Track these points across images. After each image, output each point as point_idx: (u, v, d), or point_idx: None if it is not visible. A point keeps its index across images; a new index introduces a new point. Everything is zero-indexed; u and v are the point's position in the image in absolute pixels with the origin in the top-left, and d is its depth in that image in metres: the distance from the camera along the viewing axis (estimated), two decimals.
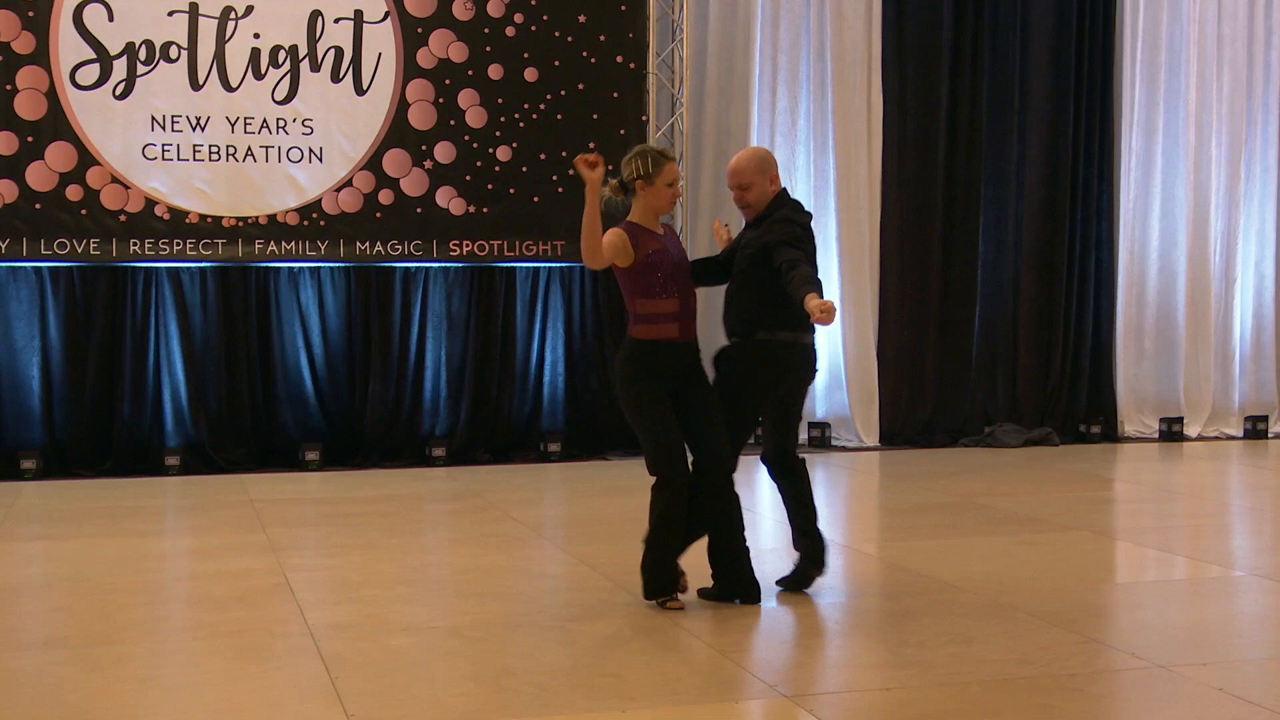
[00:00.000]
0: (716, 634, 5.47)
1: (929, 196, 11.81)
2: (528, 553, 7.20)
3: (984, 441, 11.71)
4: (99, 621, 5.76)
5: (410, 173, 10.34)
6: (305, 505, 8.94)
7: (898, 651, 5.27)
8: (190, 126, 9.96)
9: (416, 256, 10.38)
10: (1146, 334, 12.43)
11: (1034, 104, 12.05)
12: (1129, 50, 12.23)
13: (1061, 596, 6.14)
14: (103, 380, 10.05)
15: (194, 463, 10.03)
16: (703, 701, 4.68)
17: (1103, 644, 5.36)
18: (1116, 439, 12.18)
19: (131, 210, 9.84)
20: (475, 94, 10.45)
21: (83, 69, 9.76)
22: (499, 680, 4.91)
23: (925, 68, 11.78)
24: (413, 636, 5.49)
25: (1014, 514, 8.38)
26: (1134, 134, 12.27)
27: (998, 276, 12.04)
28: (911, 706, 4.58)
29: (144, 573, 6.87)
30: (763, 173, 6.05)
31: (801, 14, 11.49)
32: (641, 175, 5.85)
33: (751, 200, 6.05)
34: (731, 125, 11.51)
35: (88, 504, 8.82)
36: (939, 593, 6.19)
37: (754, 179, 6.03)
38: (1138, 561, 7.31)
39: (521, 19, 10.51)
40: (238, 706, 4.61)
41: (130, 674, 4.97)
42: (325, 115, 10.20)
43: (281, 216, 10.13)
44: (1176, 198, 12.35)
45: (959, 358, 11.97)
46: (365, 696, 4.65)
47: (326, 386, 10.48)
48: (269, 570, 6.69)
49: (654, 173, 5.84)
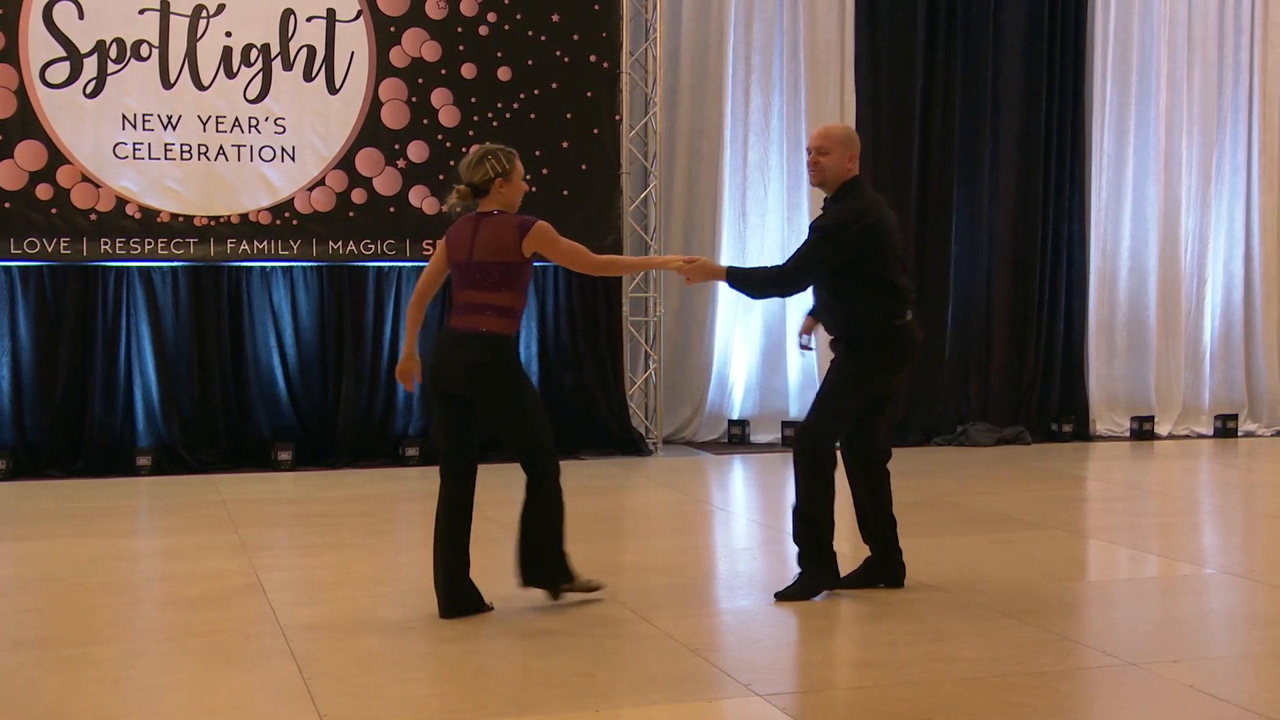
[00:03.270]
0: (690, 633, 5.47)
1: (902, 196, 11.81)
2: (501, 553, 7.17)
3: (956, 440, 11.75)
4: (70, 623, 5.73)
5: (383, 172, 10.31)
6: (278, 505, 8.91)
7: (871, 650, 5.29)
8: (162, 125, 9.91)
9: (389, 256, 10.35)
10: (1118, 333, 12.49)
11: (1006, 104, 12.09)
12: (1100, 51, 12.28)
13: (1033, 595, 6.16)
14: (74, 380, 9.99)
15: (166, 463, 9.98)
16: (677, 700, 4.69)
17: (1074, 642, 5.39)
18: (1088, 438, 12.23)
19: (102, 209, 9.79)
20: (448, 93, 10.43)
21: (53, 67, 9.70)
22: (473, 680, 4.91)
23: (898, 68, 11.80)
24: (386, 637, 5.48)
25: (986, 513, 8.41)
26: (1106, 134, 12.32)
27: (971, 276, 12.08)
28: (885, 705, 4.60)
29: (116, 573, 6.84)
30: (845, 147, 6.18)
31: (775, 14, 11.51)
32: (500, 174, 5.78)
33: (826, 167, 6.18)
34: (705, 125, 11.52)
35: (59, 504, 8.77)
36: (912, 591, 6.21)
37: (834, 148, 6.16)
38: (1109, 560, 7.35)
39: (495, 18, 10.49)
40: (210, 707, 4.59)
41: (102, 675, 4.95)
42: (298, 114, 10.16)
43: (254, 216, 10.09)
44: (1148, 198, 12.42)
45: (932, 357, 11.97)
46: (339, 697, 4.64)
47: (299, 386, 10.45)
48: (242, 571, 6.67)
49: (510, 168, 5.80)
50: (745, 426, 11.60)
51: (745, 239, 11.62)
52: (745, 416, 11.67)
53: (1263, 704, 4.60)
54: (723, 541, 7.93)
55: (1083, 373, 12.38)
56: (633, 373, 11.25)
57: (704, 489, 9.64)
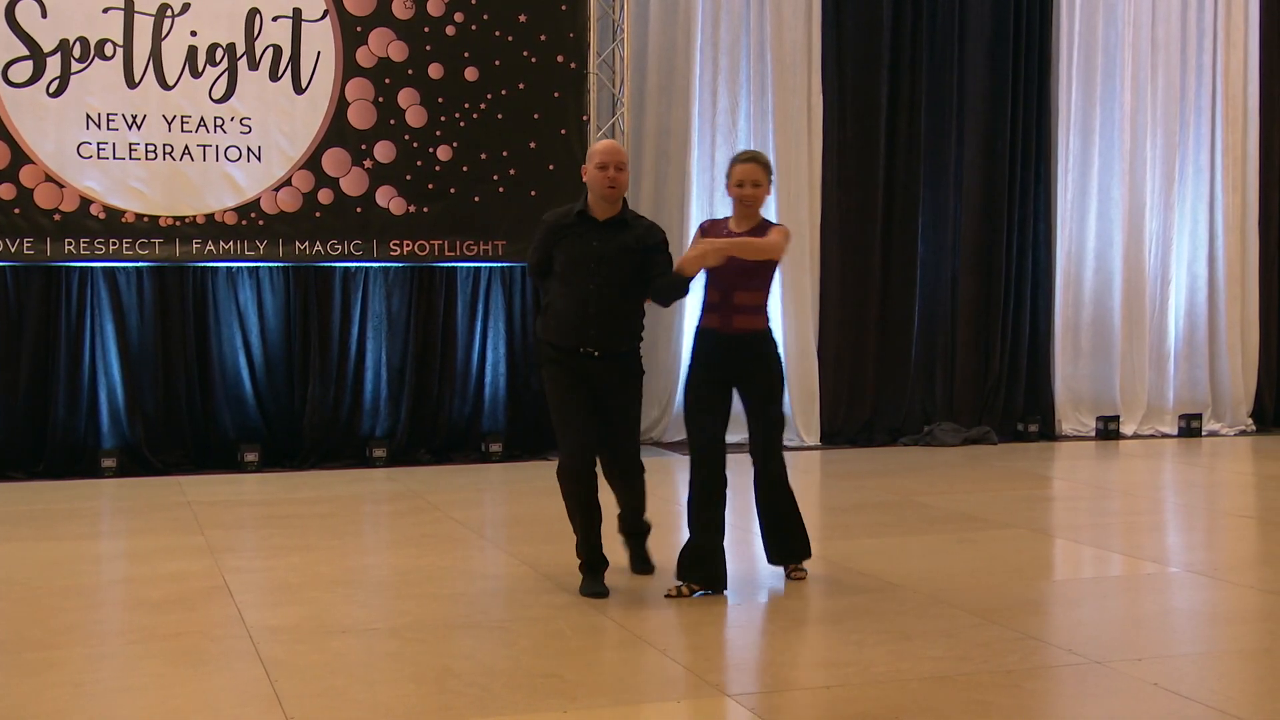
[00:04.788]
0: (658, 633, 5.48)
1: (868, 197, 11.88)
2: (468, 553, 7.18)
3: (923, 440, 11.79)
4: (33, 626, 5.69)
5: (350, 172, 10.27)
6: (244, 507, 8.87)
7: (837, 650, 5.30)
8: (126, 124, 9.84)
9: (356, 256, 10.32)
10: (1083, 333, 12.56)
11: (972, 106, 12.15)
12: (1065, 53, 12.35)
13: (999, 593, 6.20)
14: (37, 381, 9.91)
15: (130, 464, 9.92)
16: (644, 701, 4.69)
17: (1040, 640, 5.42)
18: (1054, 437, 12.30)
19: (66, 209, 9.72)
20: (415, 93, 10.40)
21: (15, 66, 9.62)
22: (440, 681, 4.90)
23: (865, 69, 11.84)
24: (353, 638, 5.46)
25: (952, 512, 8.45)
26: (1071, 136, 12.39)
27: (936, 277, 12.13)
28: (851, 704, 4.61)
29: (79, 576, 6.79)
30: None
31: (741, 14, 11.53)
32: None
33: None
34: (673, 125, 11.52)
35: (21, 506, 8.70)
36: (878, 591, 6.23)
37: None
38: (1074, 558, 7.39)
39: (462, 18, 10.47)
40: (175, 710, 4.57)
41: (64, 679, 4.91)
42: (264, 114, 10.11)
43: (219, 216, 10.04)
44: (1112, 199, 12.49)
45: (898, 357, 12.04)
46: (305, 699, 4.62)
47: (265, 387, 10.40)
48: (207, 573, 6.63)
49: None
50: None
51: None
52: None
53: (1226, 701, 4.64)
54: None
55: (1048, 373, 12.45)
56: None
57: (671, 489, 9.63)
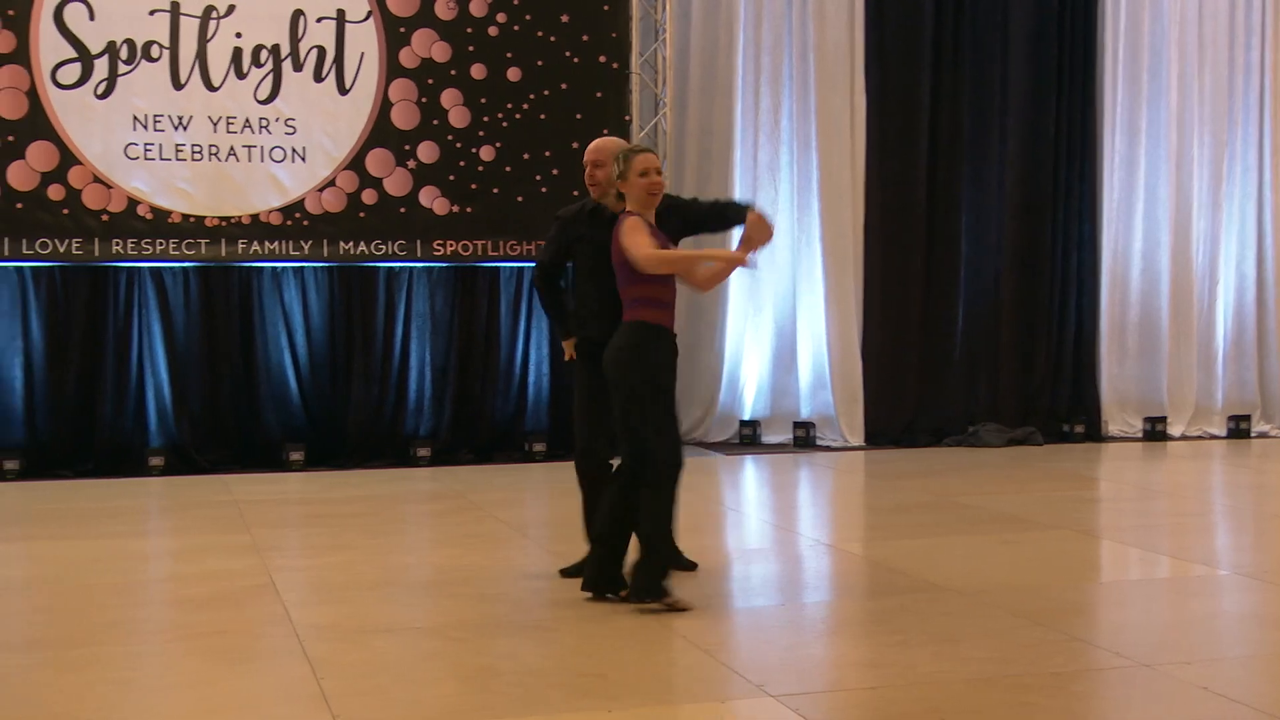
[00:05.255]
0: (701, 633, 5.46)
1: (911, 196, 11.82)
2: (510, 553, 7.19)
3: (967, 441, 11.71)
4: (79, 623, 5.74)
5: (393, 172, 10.31)
6: (288, 506, 8.91)
7: (881, 650, 5.27)
8: (172, 126, 9.92)
9: (400, 256, 10.36)
10: (1130, 333, 12.45)
11: (1015, 104, 12.07)
12: (1110, 51, 12.25)
13: (1044, 595, 6.15)
14: (85, 381, 10.00)
15: (176, 463, 9.99)
16: (688, 701, 4.68)
17: (1086, 642, 5.37)
18: (1100, 438, 12.19)
19: (113, 210, 9.80)
20: (458, 94, 10.43)
21: (64, 68, 9.72)
22: (482, 680, 4.90)
23: (907, 67, 11.79)
24: (396, 637, 5.48)
25: (996, 513, 8.39)
26: (1116, 134, 12.29)
27: (980, 276, 12.06)
28: (895, 705, 4.59)
29: (125, 573, 6.84)
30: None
31: (784, 13, 11.50)
32: (619, 175, 5.98)
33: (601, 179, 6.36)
34: (714, 125, 11.50)
35: (69, 504, 8.78)
36: (922, 592, 6.20)
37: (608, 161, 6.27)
38: (1121, 560, 7.33)
39: (504, 19, 10.49)
40: (220, 708, 4.59)
41: (111, 676, 4.95)
42: (308, 115, 10.17)
43: (264, 216, 10.10)
44: (1159, 198, 12.38)
45: (941, 357, 11.98)
46: (350, 697, 4.63)
47: (310, 387, 10.45)
48: (252, 571, 6.67)
49: (625, 169, 5.95)
50: (756, 427, 11.58)
51: None
52: (756, 417, 11.65)
53: (1276, 705, 4.58)
54: (734, 542, 7.92)
55: (1094, 373, 12.35)
56: None
57: (715, 489, 9.63)
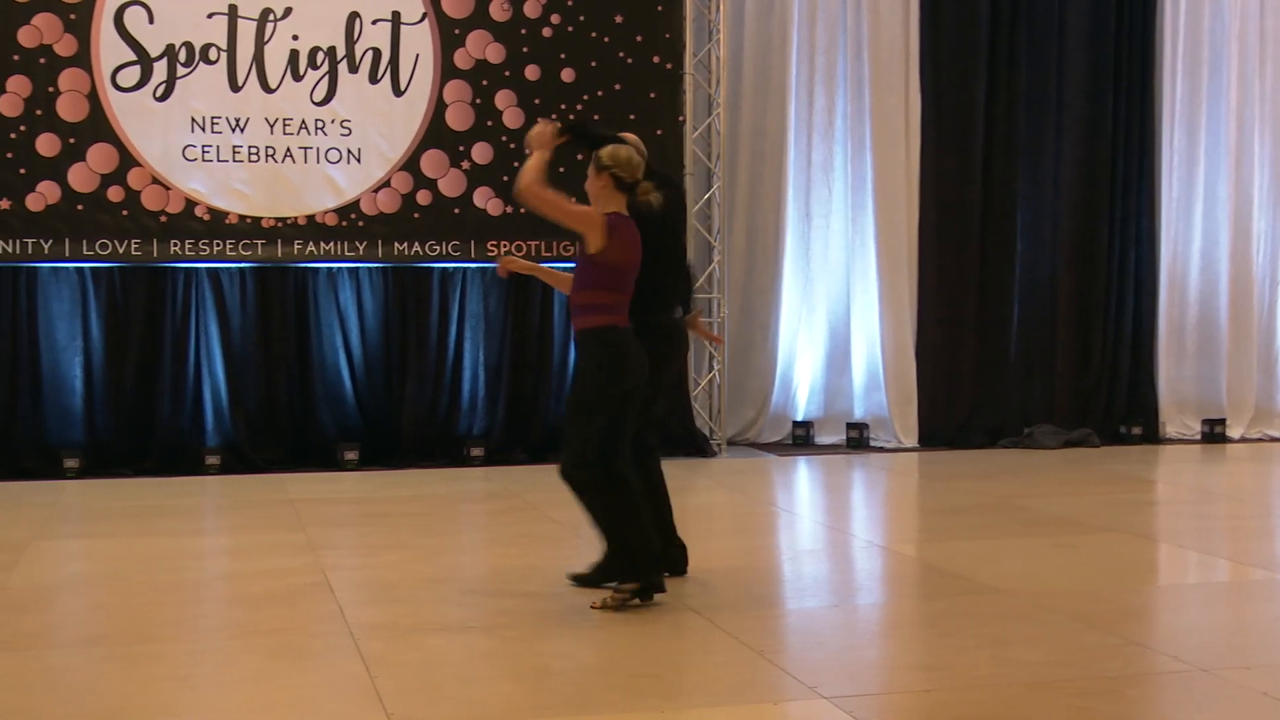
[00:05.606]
0: (754, 634, 5.45)
1: (967, 195, 11.74)
2: (564, 552, 7.19)
3: (1022, 442, 11.63)
4: (138, 619, 5.80)
5: (448, 173, 10.36)
6: (343, 505, 8.97)
7: (936, 653, 5.25)
8: (230, 128, 10.01)
9: (454, 257, 10.40)
10: (1188, 334, 12.32)
11: (1071, 101, 11.96)
12: (1169, 46, 12.12)
13: (1100, 599, 6.09)
14: (143, 380, 10.11)
15: (232, 462, 10.08)
16: (741, 702, 4.67)
17: (1143, 647, 5.32)
18: (1157, 440, 12.07)
19: (172, 211, 9.91)
20: (512, 95, 10.46)
21: (123, 71, 9.83)
22: (537, 680, 4.91)
23: (962, 65, 11.71)
24: (451, 636, 5.50)
25: (1052, 515, 8.32)
26: (1175, 131, 12.16)
27: (1035, 275, 11.97)
28: (950, 709, 4.56)
29: (183, 571, 6.92)
30: None
31: (838, 13, 11.46)
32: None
33: None
34: (768, 125, 11.48)
35: (128, 503, 8.88)
36: (977, 594, 6.16)
37: None
38: (1179, 564, 7.25)
39: (558, 19, 10.52)
40: (277, 705, 4.63)
41: (169, 672, 5.00)
42: (363, 116, 10.23)
43: (320, 217, 10.17)
44: (1219, 197, 12.24)
45: (997, 357, 11.90)
46: (404, 696, 4.66)
47: (364, 386, 10.52)
48: (307, 569, 6.72)
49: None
50: (809, 428, 11.54)
51: (809, 240, 11.57)
52: (809, 418, 11.61)
53: None
54: (787, 543, 7.90)
55: (1151, 374, 12.23)
56: (696, 374, 11.23)
57: (768, 490, 9.61)
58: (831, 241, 11.61)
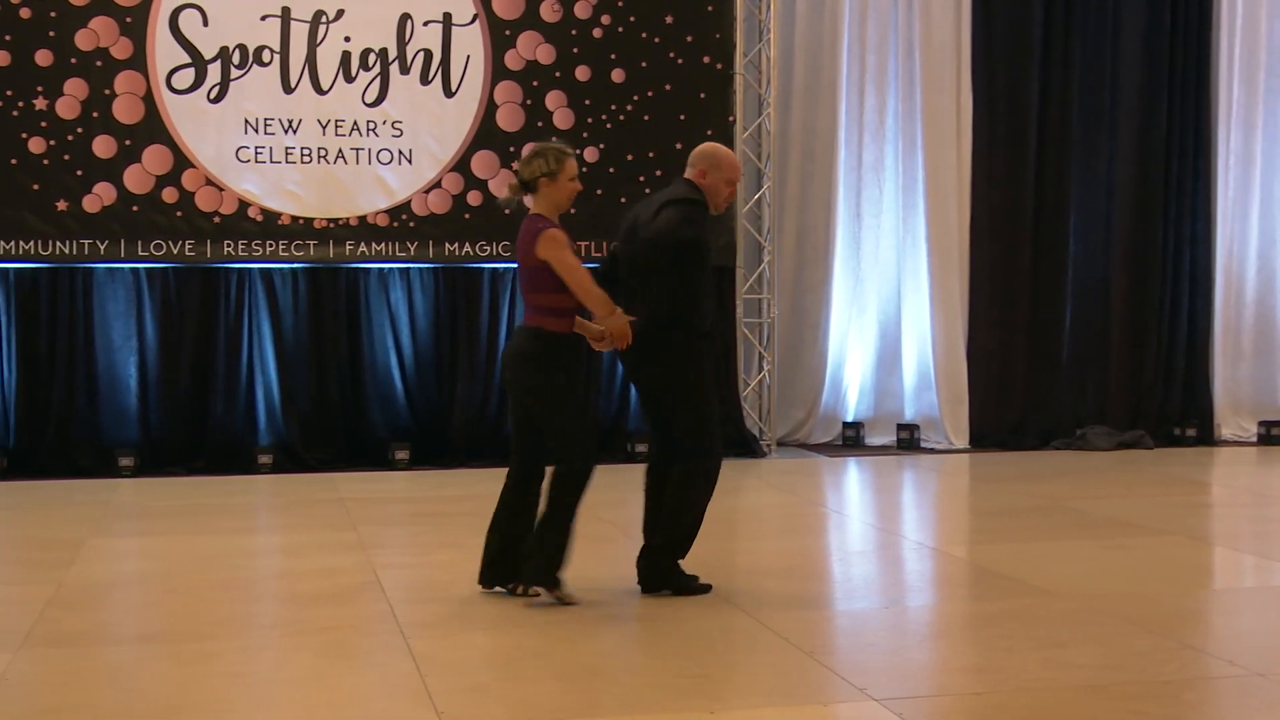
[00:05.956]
0: (803, 636, 5.44)
1: (1019, 195, 11.66)
2: (613, 552, 7.19)
3: (1074, 444, 11.53)
4: (192, 617, 5.85)
5: (498, 174, 10.39)
6: (394, 504, 9.01)
7: (988, 655, 5.21)
8: (282, 129, 10.09)
9: (504, 258, 10.43)
10: (1245, 335, 12.18)
11: (1126, 101, 11.85)
12: (1226, 45, 11.99)
13: (1155, 602, 6.04)
14: (197, 380, 10.20)
15: (284, 461, 10.15)
16: (790, 704, 4.66)
17: (1198, 651, 5.27)
18: (1212, 442, 11.94)
19: (225, 212, 9.99)
20: (562, 95, 10.48)
21: (178, 73, 9.92)
22: (585, 679, 4.92)
23: (1015, 65, 11.62)
24: (500, 635, 5.52)
25: (1105, 518, 8.25)
26: (1232, 131, 12.03)
27: (1089, 276, 11.87)
28: (1002, 711, 4.53)
29: (236, 569, 6.97)
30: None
31: (889, 12, 11.41)
32: (546, 173, 5.95)
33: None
34: (819, 125, 11.45)
35: (181, 501, 8.96)
36: (1029, 597, 6.12)
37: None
38: (1235, 567, 7.17)
39: (608, 20, 10.53)
40: (328, 703, 4.66)
41: (222, 669, 5.04)
42: (414, 117, 10.28)
43: (371, 218, 10.23)
44: (1275, 196, 12.09)
45: (1049, 358, 11.81)
46: (454, 694, 4.68)
47: (415, 386, 10.57)
48: (359, 568, 6.75)
49: (559, 169, 5.95)
50: (859, 429, 11.50)
51: (860, 240, 11.52)
52: (860, 419, 11.57)
53: None
54: (836, 544, 7.88)
55: (1207, 375, 12.10)
56: (746, 374, 11.22)
57: (817, 491, 9.58)
58: (882, 241, 11.56)
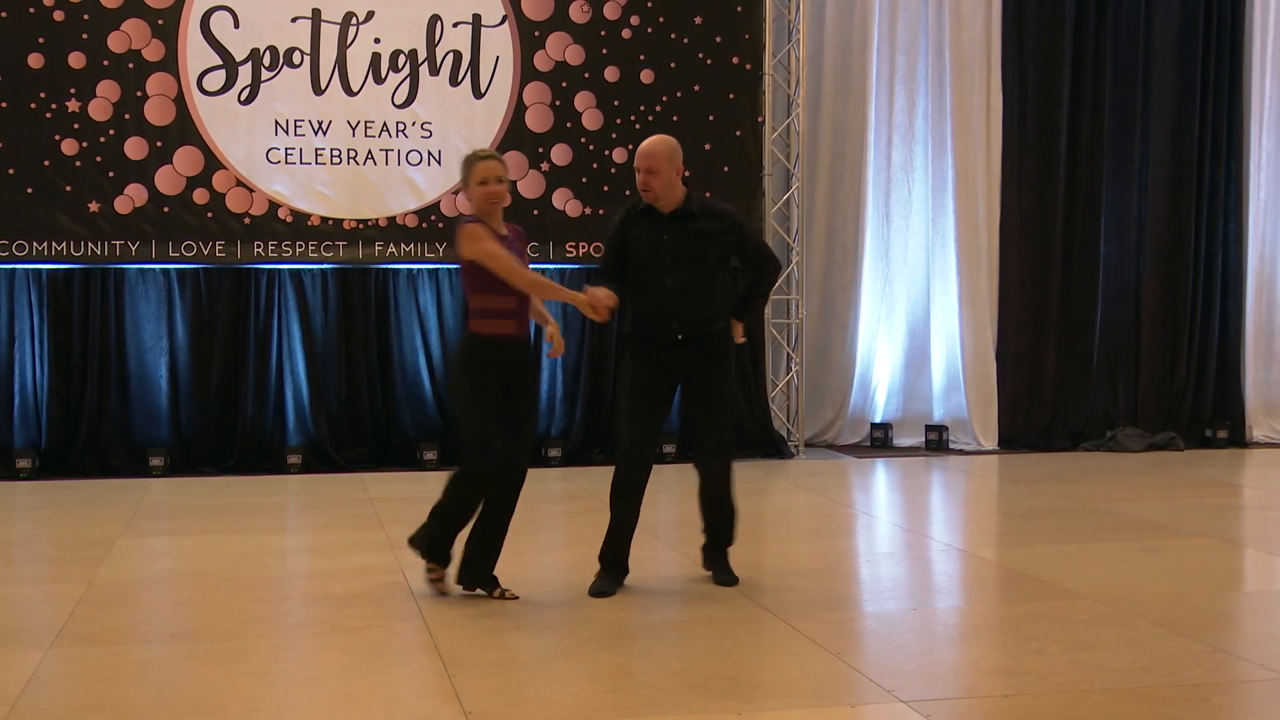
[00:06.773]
0: (831, 637, 5.43)
1: (1049, 196, 11.62)
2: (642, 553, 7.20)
3: (1105, 446, 11.48)
4: (223, 616, 5.88)
5: (527, 175, 10.41)
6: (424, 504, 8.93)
7: (1017, 657, 5.19)
8: (312, 130, 10.13)
9: (533, 258, 10.39)
10: (1277, 336, 12.12)
11: (1158, 102, 11.79)
12: (1259, 47, 11.92)
13: (1185, 604, 6.00)
14: (227, 380, 10.26)
15: (314, 461, 10.19)
16: (819, 705, 4.65)
17: (1229, 654, 5.24)
18: (1244, 444, 11.87)
19: (255, 213, 10.04)
20: (591, 96, 10.50)
21: (209, 75, 9.98)
22: (614, 680, 4.92)
23: (1046, 66, 11.58)
24: (529, 635, 5.53)
25: (1136, 520, 8.21)
26: (1265, 132, 11.96)
27: (1120, 277, 11.82)
28: (1031, 714, 4.52)
29: (266, 569, 7.00)
30: (671, 162, 6.19)
31: (919, 13, 11.38)
32: (463, 180, 6.12)
33: (656, 187, 6.18)
34: (848, 126, 11.43)
35: (212, 500, 9.00)
36: (1058, 599, 6.09)
37: (663, 166, 6.15)
38: (1267, 570, 7.13)
39: (638, 21, 10.54)
40: (357, 702, 4.67)
41: (252, 668, 5.07)
42: (444, 118, 10.31)
43: (400, 219, 10.27)
44: None
45: (1079, 360, 11.76)
46: (483, 695, 4.69)
47: (444, 387, 10.58)
48: (388, 568, 6.78)
49: (466, 175, 6.06)
50: (888, 430, 11.48)
51: (889, 241, 11.50)
52: (888, 420, 11.55)
53: None
54: (864, 545, 7.86)
55: (1238, 377, 12.03)
56: (774, 375, 11.21)
57: (846, 492, 9.57)
58: (911, 242, 11.54)
